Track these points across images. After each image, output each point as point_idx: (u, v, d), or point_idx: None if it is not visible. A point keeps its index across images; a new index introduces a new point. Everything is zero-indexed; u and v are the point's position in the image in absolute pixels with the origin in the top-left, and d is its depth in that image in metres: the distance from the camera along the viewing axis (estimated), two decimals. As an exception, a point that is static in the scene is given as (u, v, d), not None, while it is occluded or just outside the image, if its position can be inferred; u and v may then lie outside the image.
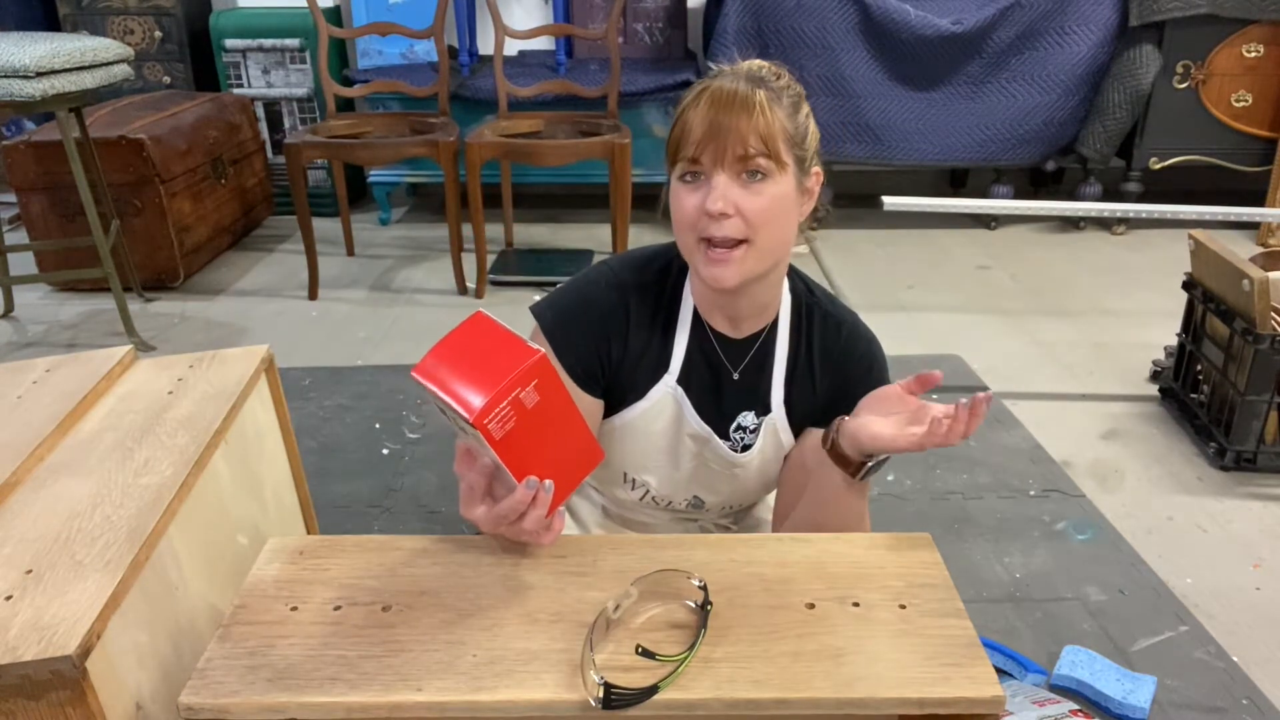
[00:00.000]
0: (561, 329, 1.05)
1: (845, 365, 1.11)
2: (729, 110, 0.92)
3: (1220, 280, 2.08)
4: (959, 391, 2.39)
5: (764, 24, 3.27)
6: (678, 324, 1.08)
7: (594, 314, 1.06)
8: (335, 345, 2.69)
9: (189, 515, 1.00)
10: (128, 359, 1.26)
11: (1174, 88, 3.35)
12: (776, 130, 0.94)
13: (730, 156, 0.93)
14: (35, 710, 0.75)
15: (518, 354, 0.78)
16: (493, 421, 0.76)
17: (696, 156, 0.94)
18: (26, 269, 3.01)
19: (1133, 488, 2.00)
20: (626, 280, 1.08)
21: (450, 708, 0.75)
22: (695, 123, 0.94)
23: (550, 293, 1.10)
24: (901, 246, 3.48)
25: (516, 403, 0.77)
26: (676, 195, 0.98)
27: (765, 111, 0.93)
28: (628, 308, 1.07)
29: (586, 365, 1.06)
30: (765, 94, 0.94)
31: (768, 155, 0.94)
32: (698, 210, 0.95)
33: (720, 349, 1.10)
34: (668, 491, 1.16)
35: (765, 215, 0.95)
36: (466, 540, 0.94)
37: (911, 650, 0.79)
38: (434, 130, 2.95)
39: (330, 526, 1.79)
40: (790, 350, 1.11)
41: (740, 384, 1.11)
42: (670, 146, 0.98)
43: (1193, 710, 1.41)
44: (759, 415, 1.12)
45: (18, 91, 2.28)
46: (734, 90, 0.93)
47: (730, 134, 0.92)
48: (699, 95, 0.95)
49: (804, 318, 1.11)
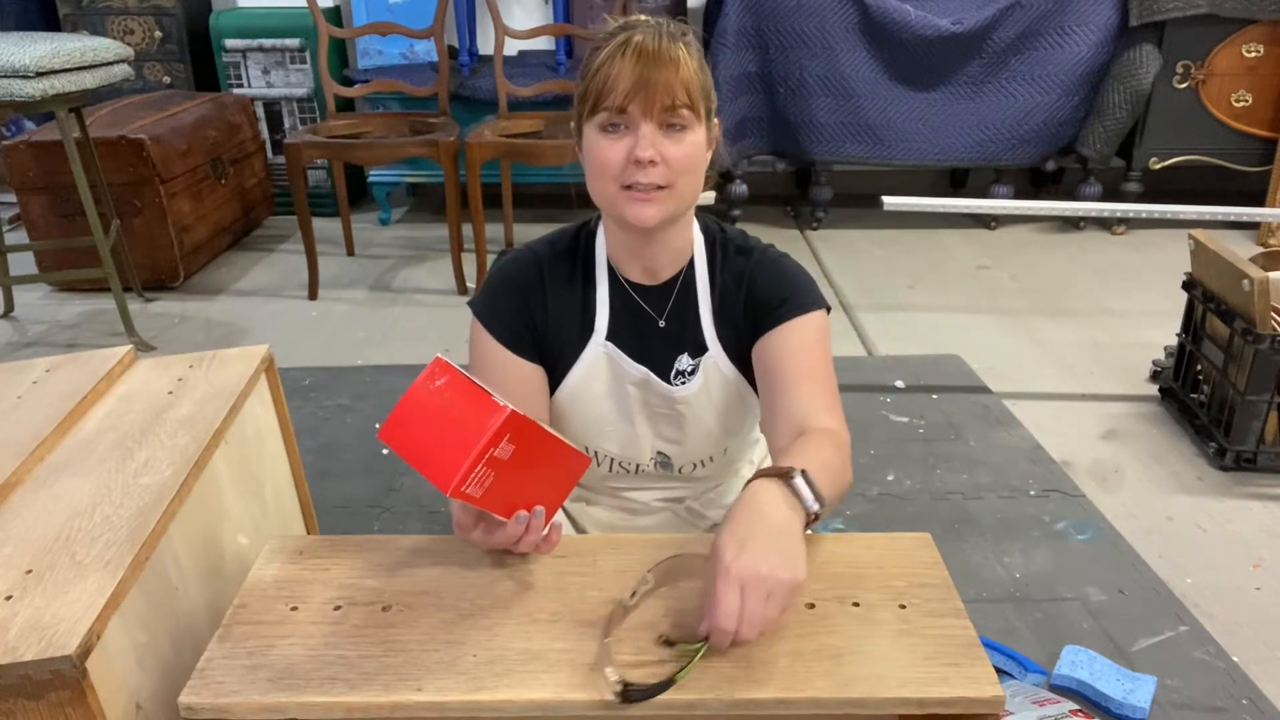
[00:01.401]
0: (488, 307, 1.11)
1: (752, 277, 1.12)
2: (656, 64, 0.96)
3: (1220, 280, 2.08)
4: (959, 391, 2.39)
5: (764, 24, 3.27)
6: (595, 281, 1.12)
7: (512, 285, 1.12)
8: (335, 345, 2.69)
9: (189, 515, 1.00)
10: (128, 359, 1.26)
11: (1174, 88, 3.35)
12: (694, 83, 0.98)
13: (658, 107, 0.97)
14: (35, 710, 0.75)
15: (484, 413, 0.76)
16: (470, 486, 0.76)
17: (623, 107, 0.97)
18: (26, 269, 3.01)
19: (1133, 488, 2.00)
20: (539, 250, 1.14)
21: (450, 708, 0.75)
22: (622, 74, 0.96)
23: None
24: (901, 246, 3.48)
25: (491, 461, 0.76)
26: (596, 145, 1.01)
27: (687, 65, 0.98)
28: (542, 273, 1.12)
29: (514, 333, 1.10)
30: (683, 45, 0.98)
31: (689, 106, 0.98)
32: (624, 159, 0.99)
33: (641, 299, 1.12)
34: (631, 453, 1.18)
35: (686, 162, 1.00)
36: (466, 540, 0.94)
37: (911, 650, 0.79)
38: (434, 130, 2.95)
39: (330, 526, 1.79)
40: (710, 285, 1.13)
41: (668, 330, 1.13)
42: (588, 97, 0.99)
43: (1193, 710, 1.41)
44: (693, 356, 1.13)
45: (18, 91, 2.28)
46: (657, 45, 0.97)
47: (658, 86, 0.96)
48: (621, 47, 0.97)
49: (720, 254, 1.14)
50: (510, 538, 0.85)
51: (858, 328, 2.79)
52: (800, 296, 1.08)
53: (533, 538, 0.86)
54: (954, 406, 2.32)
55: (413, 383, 0.79)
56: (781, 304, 1.07)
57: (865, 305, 2.95)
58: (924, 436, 2.19)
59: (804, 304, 1.07)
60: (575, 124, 1.05)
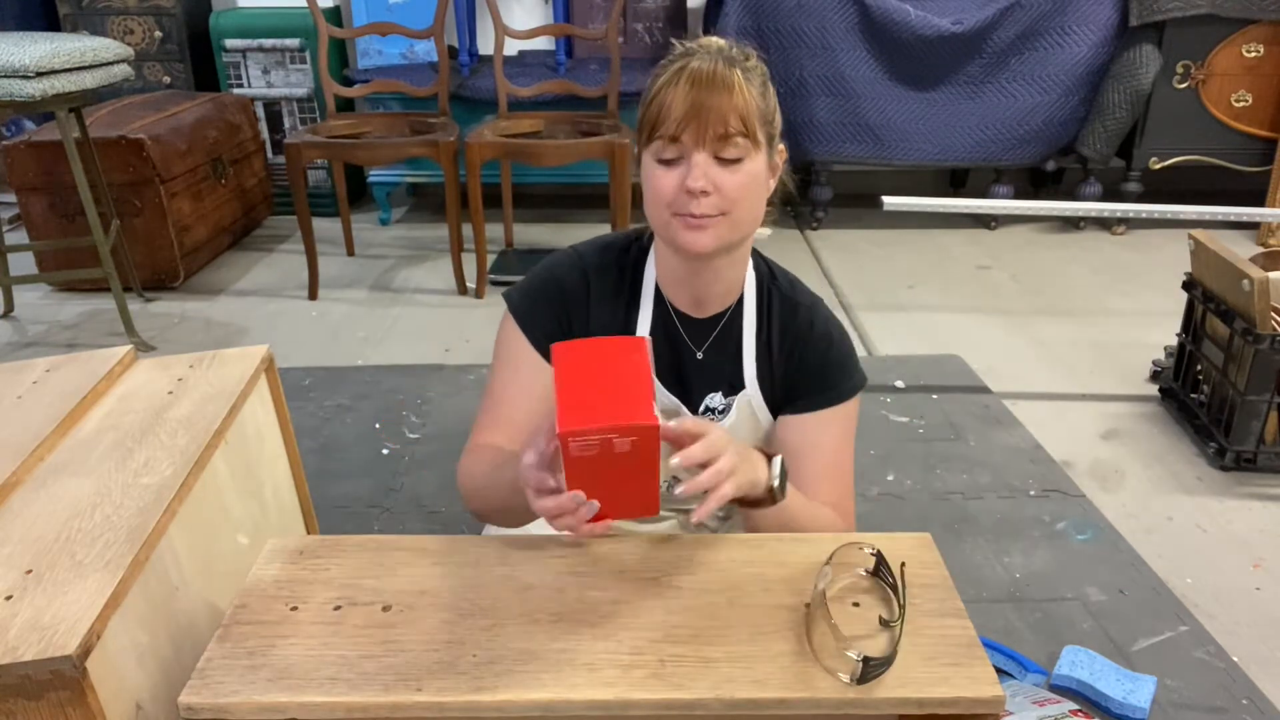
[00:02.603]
0: (526, 307, 1.09)
1: (801, 346, 1.12)
2: (710, 90, 0.94)
3: (1220, 280, 2.08)
4: (959, 391, 2.39)
5: (764, 24, 3.27)
6: (640, 301, 1.11)
7: (555, 290, 1.09)
8: (335, 345, 2.69)
9: (189, 515, 1.00)
10: (128, 359, 1.26)
11: (1174, 88, 3.35)
12: (752, 109, 0.96)
13: (710, 136, 0.95)
14: (35, 710, 0.75)
15: (640, 407, 0.79)
16: (577, 442, 0.78)
17: (677, 135, 0.96)
18: (26, 269, 3.01)
19: (1133, 488, 2.00)
20: (589, 259, 1.11)
21: (450, 708, 0.75)
22: (675, 102, 0.95)
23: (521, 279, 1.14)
24: (901, 246, 3.48)
25: (606, 442, 0.78)
26: (652, 174, 0.99)
27: (743, 91, 0.95)
28: (588, 284, 1.10)
29: (550, 338, 1.09)
30: (740, 73, 0.96)
31: (745, 134, 0.96)
32: (676, 188, 0.97)
33: (683, 328, 1.11)
34: None
35: (741, 191, 0.98)
36: (466, 540, 0.95)
37: (911, 650, 0.79)
38: (434, 130, 2.95)
39: (330, 526, 1.79)
40: (756, 327, 1.13)
41: (704, 364, 1.12)
42: (645, 124, 0.99)
43: (1193, 710, 1.41)
44: (727, 395, 1.13)
45: (18, 91, 2.28)
46: (713, 70, 0.95)
47: (711, 114, 0.94)
48: (677, 74, 0.96)
49: (767, 299, 1.13)
50: (558, 508, 0.83)
51: (858, 328, 2.79)
52: (843, 385, 1.10)
53: (572, 521, 0.84)
54: (954, 406, 2.32)
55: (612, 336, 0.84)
56: (824, 390, 1.07)
57: (865, 305, 2.95)
58: (924, 436, 2.19)
59: (843, 393, 1.09)
60: (636, 150, 1.03)
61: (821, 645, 0.79)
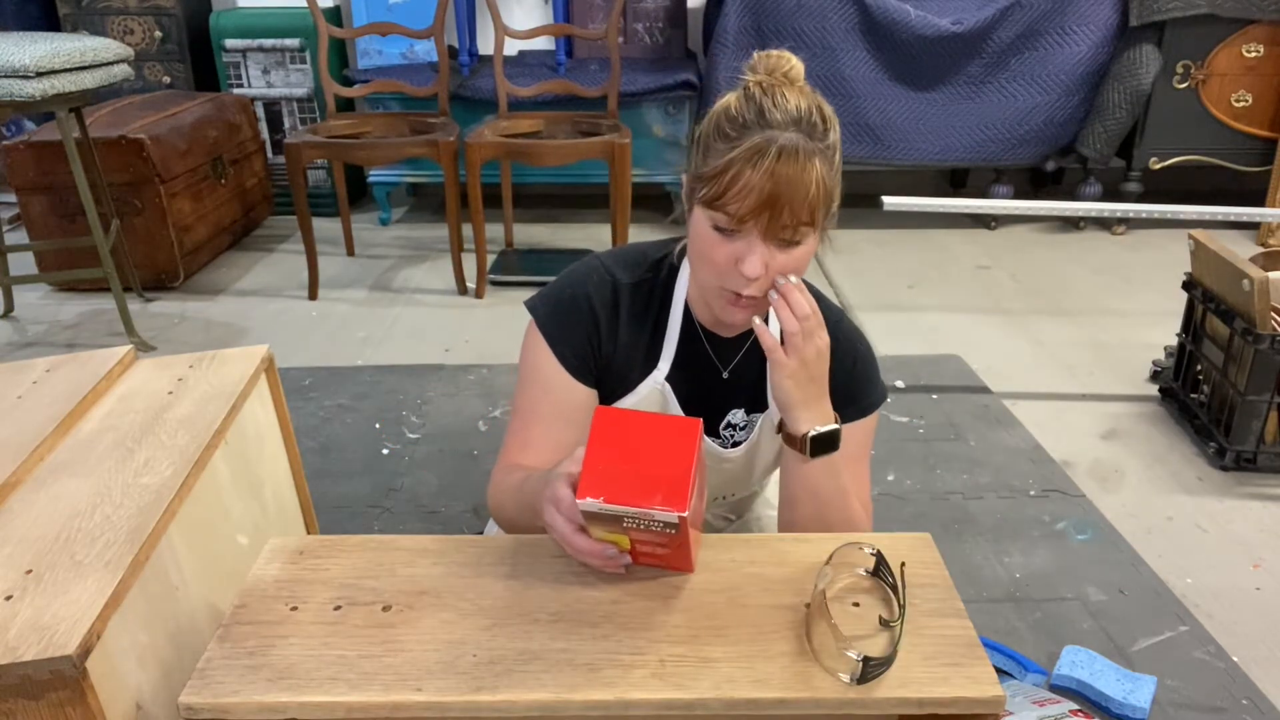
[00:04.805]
0: (554, 323, 1.07)
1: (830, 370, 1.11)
2: (789, 185, 0.89)
3: (1220, 280, 2.08)
4: (959, 391, 2.39)
5: (764, 24, 3.27)
6: (668, 322, 1.09)
7: (585, 308, 1.07)
8: (335, 345, 2.69)
9: (189, 515, 1.00)
10: (128, 359, 1.26)
11: (1174, 88, 3.35)
12: (822, 198, 0.93)
13: (777, 228, 0.92)
14: (35, 710, 0.75)
15: (675, 493, 0.77)
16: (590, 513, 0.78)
17: (744, 219, 0.92)
18: (26, 269, 3.01)
19: (1133, 488, 2.00)
20: (618, 277, 1.09)
21: (450, 708, 0.75)
22: (750, 189, 0.89)
23: (544, 288, 1.11)
24: (901, 246, 3.48)
25: (622, 519, 0.78)
26: (705, 236, 0.95)
27: (821, 183, 0.91)
28: (618, 304, 1.08)
29: (580, 358, 1.07)
30: (820, 160, 0.91)
31: (810, 224, 0.94)
32: (729, 265, 0.94)
33: (711, 348, 1.11)
34: None
35: (791, 268, 0.96)
36: (466, 540, 0.95)
37: (911, 650, 0.79)
38: (434, 130, 2.95)
39: (330, 526, 1.79)
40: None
41: (730, 382, 1.12)
42: (709, 189, 0.92)
43: (1193, 710, 1.41)
44: (749, 413, 1.13)
45: (18, 91, 2.28)
46: (794, 157, 0.89)
47: (784, 212, 0.90)
48: (758, 155, 0.89)
49: None
50: (584, 553, 0.84)
51: (858, 328, 2.79)
52: (866, 398, 1.10)
53: (597, 562, 0.85)
54: (954, 406, 2.32)
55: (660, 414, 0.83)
56: (847, 405, 1.07)
57: (865, 305, 2.95)
58: (924, 436, 2.19)
59: (864, 409, 1.10)
60: (686, 192, 0.99)
61: (821, 645, 0.79)
